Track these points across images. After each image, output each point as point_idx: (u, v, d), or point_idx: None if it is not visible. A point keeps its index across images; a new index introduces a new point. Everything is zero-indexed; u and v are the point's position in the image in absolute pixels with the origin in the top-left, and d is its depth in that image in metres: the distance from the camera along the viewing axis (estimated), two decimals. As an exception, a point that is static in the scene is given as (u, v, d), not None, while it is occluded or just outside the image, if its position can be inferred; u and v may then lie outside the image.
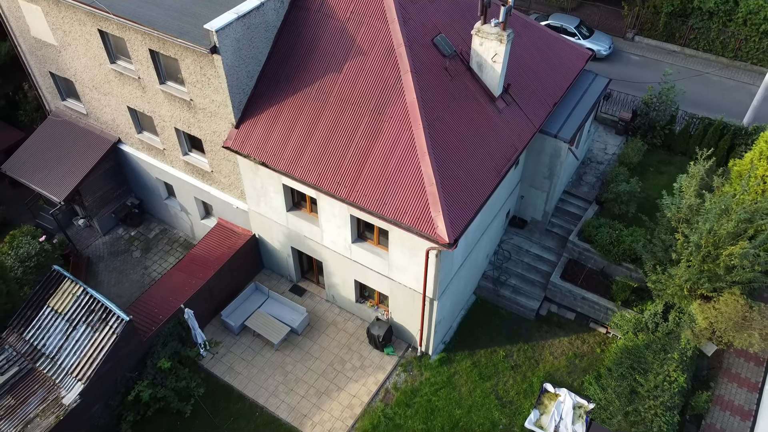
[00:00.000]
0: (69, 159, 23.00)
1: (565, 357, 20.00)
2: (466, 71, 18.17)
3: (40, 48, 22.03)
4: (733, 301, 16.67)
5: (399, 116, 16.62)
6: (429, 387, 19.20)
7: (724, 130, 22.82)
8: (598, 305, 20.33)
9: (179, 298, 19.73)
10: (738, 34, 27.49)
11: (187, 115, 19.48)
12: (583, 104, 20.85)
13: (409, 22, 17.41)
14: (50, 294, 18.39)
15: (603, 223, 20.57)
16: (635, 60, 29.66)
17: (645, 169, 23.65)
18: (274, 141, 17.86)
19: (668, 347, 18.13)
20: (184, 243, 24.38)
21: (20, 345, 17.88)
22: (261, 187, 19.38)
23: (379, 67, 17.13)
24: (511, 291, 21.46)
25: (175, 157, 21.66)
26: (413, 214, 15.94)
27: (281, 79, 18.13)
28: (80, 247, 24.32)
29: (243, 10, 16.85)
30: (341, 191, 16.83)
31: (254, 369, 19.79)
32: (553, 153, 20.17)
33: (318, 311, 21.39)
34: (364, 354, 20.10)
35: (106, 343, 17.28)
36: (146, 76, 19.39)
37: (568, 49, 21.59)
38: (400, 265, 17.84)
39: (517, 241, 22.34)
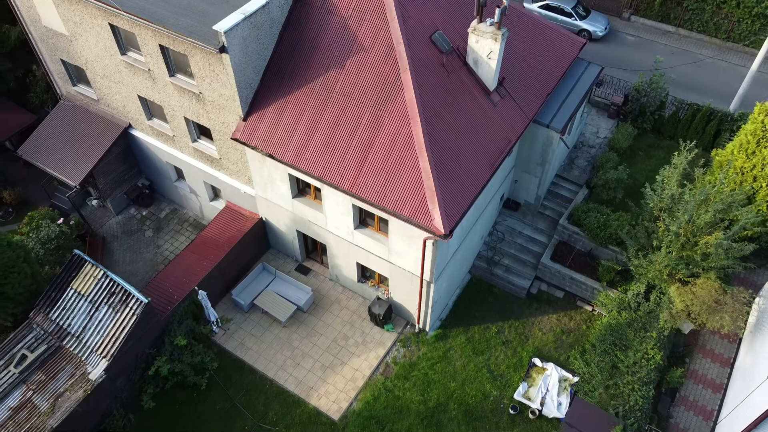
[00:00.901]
0: (82, 143, 23.98)
1: (553, 333, 21.44)
2: (462, 66, 19.03)
3: (51, 37, 22.75)
4: (709, 285, 17.97)
5: (399, 112, 17.59)
6: (426, 361, 20.70)
7: (711, 116, 23.74)
8: (585, 285, 21.66)
9: (193, 278, 21.06)
10: (731, 16, 28.07)
11: (197, 106, 20.40)
12: (576, 93, 21.73)
13: (408, 20, 18.18)
14: (73, 276, 19.72)
15: (591, 207, 21.72)
16: (630, 40, 30.26)
17: (634, 153, 24.66)
18: (280, 134, 18.86)
19: (648, 326, 19.52)
20: (194, 223, 25.59)
21: (47, 324, 19.29)
22: (268, 175, 20.47)
23: (379, 64, 18.00)
24: (504, 270, 22.76)
25: (184, 143, 22.66)
26: (411, 207, 17.08)
27: (286, 74, 19.01)
28: (95, 227, 25.53)
29: (249, 10, 17.61)
30: (344, 183, 17.93)
31: (263, 344, 21.26)
32: (545, 141, 21.16)
33: (322, 290, 22.75)
34: (366, 330, 21.54)
35: (127, 323, 18.69)
36: (156, 68, 20.24)
37: (561, 38, 22.32)
38: (399, 251, 19.08)
39: (510, 222, 23.53)
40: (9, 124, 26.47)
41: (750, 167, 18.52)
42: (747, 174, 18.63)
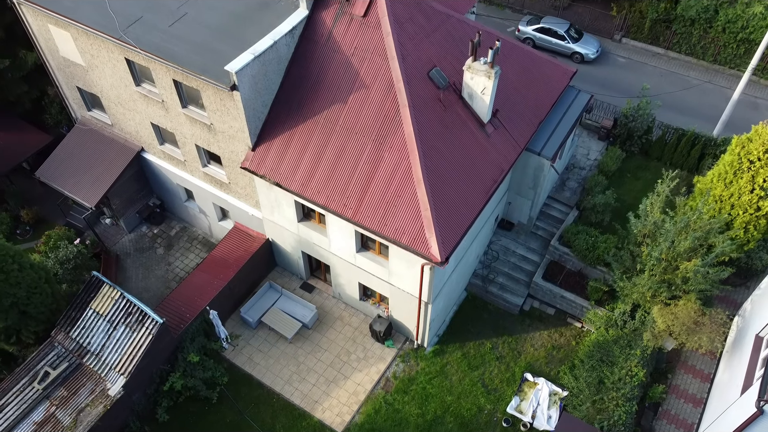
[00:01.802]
0: (97, 166, 25.18)
1: (544, 349, 22.67)
2: (458, 100, 20.22)
3: (68, 66, 23.94)
4: (689, 306, 19.19)
5: (398, 146, 18.80)
6: (424, 376, 21.94)
7: (695, 140, 24.93)
8: (575, 303, 22.88)
9: (204, 297, 22.30)
10: (717, 40, 29.23)
11: (207, 135, 21.61)
12: (566, 121, 22.91)
13: (407, 58, 19.37)
14: (92, 297, 20.97)
15: (581, 229, 22.93)
16: (621, 62, 31.44)
17: (623, 174, 25.87)
18: (286, 163, 20.07)
19: (633, 343, 20.74)
20: (203, 241, 26.82)
21: (68, 343, 20.54)
22: (274, 200, 21.69)
23: (380, 100, 19.21)
24: (499, 288, 23.99)
25: (195, 167, 23.87)
26: (410, 235, 18.30)
27: (292, 107, 20.21)
28: (108, 245, 26.75)
29: (259, 50, 18.81)
30: (347, 212, 19.14)
31: (271, 360, 22.51)
32: (537, 167, 22.37)
33: (326, 306, 23.99)
34: (367, 346, 22.78)
35: (143, 342, 19.93)
36: (169, 100, 21.43)
37: (552, 68, 23.48)
38: (399, 273, 20.31)
39: (504, 242, 24.75)
40: (26, 145, 27.66)
41: (728, 196, 19.72)
42: (725, 202, 19.83)
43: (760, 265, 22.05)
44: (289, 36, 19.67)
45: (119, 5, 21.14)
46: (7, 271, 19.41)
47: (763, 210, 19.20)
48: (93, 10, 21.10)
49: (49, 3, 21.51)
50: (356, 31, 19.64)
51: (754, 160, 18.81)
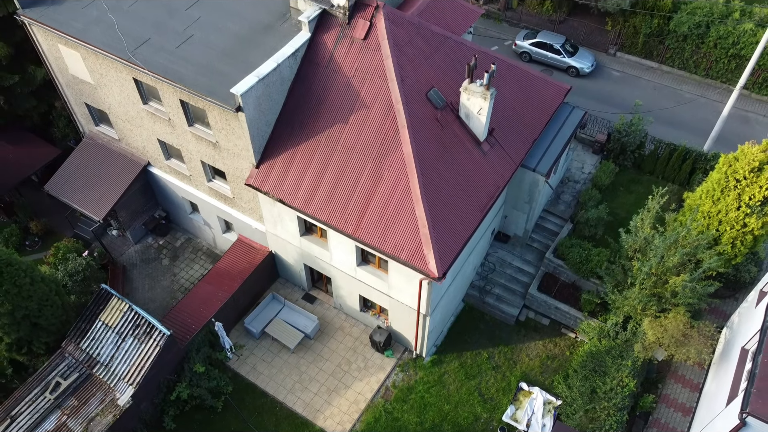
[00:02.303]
0: (104, 180, 25.88)
1: (539, 358, 23.38)
2: (455, 120, 20.93)
3: (77, 83, 24.65)
4: (678, 319, 19.89)
5: (397, 165, 19.51)
6: (422, 385, 22.64)
7: (686, 155, 25.64)
8: (569, 314, 23.59)
9: (209, 309, 23.00)
10: (709, 55, 29.95)
11: (213, 152, 22.32)
12: (561, 138, 23.62)
13: (406, 80, 20.08)
14: (101, 309, 21.70)
15: (574, 243, 23.64)
16: (616, 76, 32.15)
17: (616, 188, 26.58)
18: (289, 181, 20.78)
19: (625, 354, 21.43)
20: (207, 252, 27.52)
21: (78, 354, 21.25)
22: (277, 214, 22.39)
23: (380, 121, 19.91)
24: (495, 299, 24.69)
25: (200, 182, 24.58)
26: (409, 251, 19.00)
27: (295, 126, 20.92)
28: (115, 255, 27.45)
29: (263, 73, 19.52)
30: (348, 228, 19.85)
31: (274, 369, 23.21)
32: (532, 183, 23.08)
33: (327, 317, 24.69)
34: (368, 356, 23.48)
35: (151, 354, 20.64)
36: (176, 118, 22.14)
37: (547, 86, 24.16)
38: (398, 287, 21.02)
39: (501, 254, 25.46)
40: (35, 159, 28.38)
41: (716, 212, 20.42)
42: (713, 218, 20.53)
43: (748, 277, 22.77)
44: (291, 58, 20.38)
45: (128, 26, 21.86)
46: (20, 284, 20.09)
47: (749, 226, 19.90)
48: (102, 32, 21.81)
49: (60, 24, 22.23)
50: (357, 54, 20.35)
51: (740, 179, 19.51)
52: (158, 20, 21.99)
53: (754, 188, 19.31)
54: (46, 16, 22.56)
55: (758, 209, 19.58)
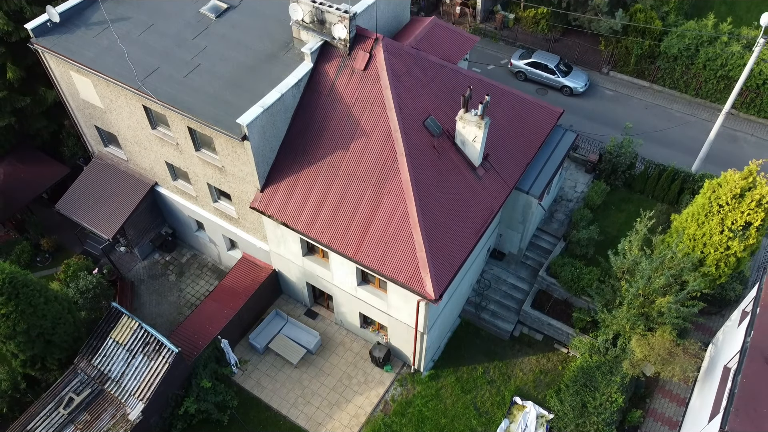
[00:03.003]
0: (113, 200, 26.80)
1: (532, 373, 24.29)
2: (451, 146, 21.85)
3: (87, 107, 25.57)
4: (664, 338, 20.81)
5: (396, 191, 20.43)
6: (420, 399, 23.57)
7: (675, 175, 26.57)
8: (562, 330, 24.50)
9: (215, 326, 23.92)
10: (698, 76, 30.87)
11: (219, 175, 23.25)
12: (553, 160, 24.54)
13: (404, 109, 21.01)
14: (112, 327, 22.64)
15: (567, 262, 24.56)
16: (609, 95, 33.08)
17: (608, 207, 27.51)
18: (292, 205, 21.71)
19: (614, 369, 22.33)
20: (213, 268, 28.44)
21: (90, 370, 22.18)
22: (281, 235, 23.32)
23: (379, 148, 20.84)
24: (491, 315, 25.61)
25: (206, 202, 25.50)
26: (406, 274, 19.92)
27: (298, 152, 21.85)
28: (123, 272, 28.38)
29: (268, 103, 20.45)
30: (348, 251, 20.77)
31: (277, 384, 24.13)
32: (526, 205, 24.00)
33: (328, 332, 25.61)
34: (367, 371, 24.41)
35: (160, 370, 21.57)
36: (183, 143, 23.07)
37: (540, 110, 25.08)
38: (396, 306, 21.94)
39: (496, 271, 26.38)
40: (45, 177, 29.32)
41: (701, 235, 21.34)
42: (698, 240, 21.45)
43: (733, 295, 23.69)
44: (295, 88, 21.30)
45: (137, 55, 22.80)
46: (35, 304, 21.01)
47: (732, 249, 20.82)
48: (113, 61, 22.75)
49: (73, 53, 23.16)
50: (357, 84, 21.28)
51: (723, 205, 20.44)
52: (166, 49, 22.93)
53: (736, 213, 20.24)
54: (59, 45, 23.50)
55: (740, 233, 20.50)
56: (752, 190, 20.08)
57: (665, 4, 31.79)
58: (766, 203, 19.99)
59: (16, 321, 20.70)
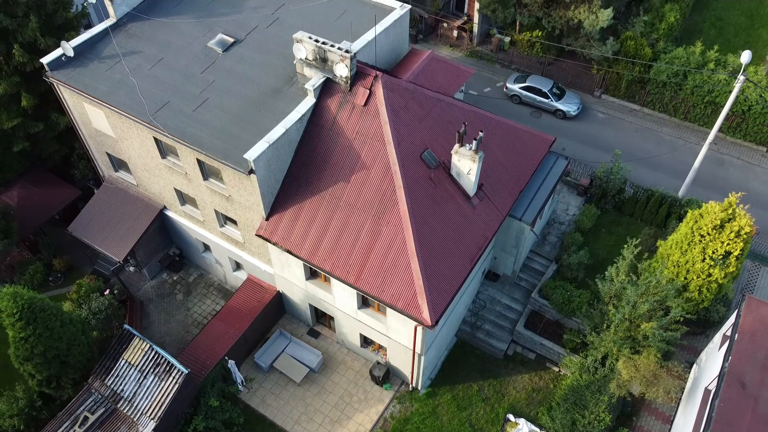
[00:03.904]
0: (124, 223, 27.93)
1: (525, 391, 25.42)
2: (447, 177, 22.98)
3: (99, 136, 26.70)
4: (649, 360, 21.93)
5: (394, 222, 21.57)
6: (418, 416, 24.69)
7: (662, 200, 27.71)
8: (553, 350, 25.63)
9: (222, 346, 25.06)
10: (687, 101, 32.01)
11: (225, 203, 24.38)
12: (545, 188, 25.68)
13: (402, 143, 22.15)
14: (124, 348, 23.76)
15: (558, 284, 25.69)
16: (601, 118, 34.20)
17: (598, 229, 28.63)
18: (296, 233, 22.83)
19: (603, 388, 23.45)
20: (219, 287, 29.58)
21: (103, 390, 23.31)
22: (285, 260, 24.45)
23: (378, 181, 21.98)
24: (485, 334, 26.74)
25: (212, 227, 26.63)
26: (404, 300, 21.06)
27: (301, 183, 22.98)
28: (132, 291, 29.51)
29: (273, 138, 21.58)
30: (349, 278, 21.90)
31: (281, 401, 25.26)
32: (519, 230, 25.13)
33: (330, 351, 26.75)
34: (367, 389, 25.54)
35: (171, 390, 22.69)
36: (192, 173, 24.20)
37: (533, 139, 26.21)
38: (395, 329, 23.07)
39: (491, 292, 27.51)
40: (57, 199, 30.44)
41: (684, 262, 22.47)
42: (682, 267, 22.58)
43: (717, 317, 24.82)
44: (298, 122, 22.43)
45: (148, 89, 23.93)
46: (51, 328, 22.13)
47: (713, 276, 21.95)
48: (125, 94, 23.88)
49: (86, 87, 24.30)
50: (358, 119, 22.42)
51: (705, 234, 21.58)
52: (176, 83, 24.06)
53: (717, 243, 21.38)
54: (73, 79, 24.63)
55: (720, 262, 21.64)
56: (731, 222, 21.21)
57: (655, 32, 32.92)
58: (744, 234, 21.13)
59: (33, 344, 21.85)
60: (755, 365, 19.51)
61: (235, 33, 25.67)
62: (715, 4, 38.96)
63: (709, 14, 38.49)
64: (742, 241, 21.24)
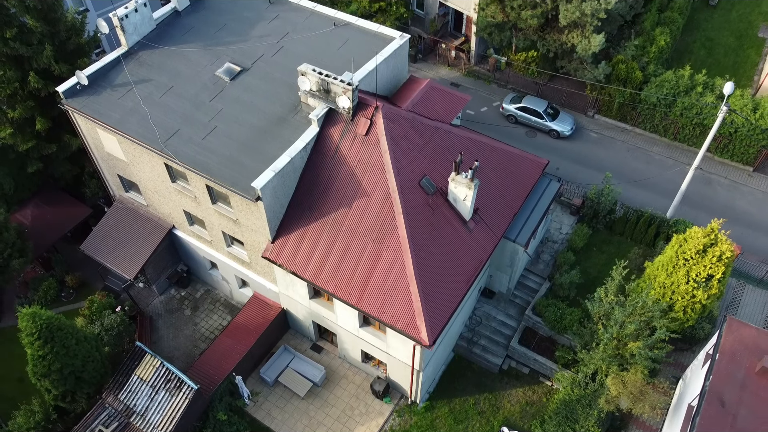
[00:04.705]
0: (134, 242, 29.09)
1: (519, 404, 26.58)
2: (444, 203, 24.14)
3: (111, 159, 27.86)
4: (636, 377, 23.08)
5: (394, 246, 22.72)
6: (417, 429, 25.85)
7: (651, 221, 28.89)
8: (546, 365, 26.79)
9: (229, 362, 26.21)
10: (676, 122, 33.18)
11: (233, 226, 25.54)
12: (538, 210, 26.84)
13: (401, 172, 23.31)
14: (136, 365, 24.93)
15: (551, 303, 26.86)
16: (593, 137, 35.37)
17: (590, 248, 29.80)
18: (300, 256, 23.99)
19: (593, 403, 24.62)
20: (225, 303, 30.73)
21: (117, 404, 24.47)
22: (290, 281, 25.61)
23: (379, 207, 23.13)
24: (481, 349, 27.90)
25: (219, 246, 27.80)
26: (403, 321, 22.22)
27: (305, 209, 24.14)
28: (142, 306, 30.66)
29: (279, 167, 22.73)
30: (351, 299, 23.06)
31: (286, 414, 26.42)
32: (513, 251, 26.30)
33: (332, 366, 27.91)
34: (368, 402, 26.70)
35: (181, 405, 23.86)
36: (201, 197, 25.35)
37: (526, 162, 27.37)
38: (395, 346, 24.23)
39: (487, 308, 28.68)
40: (69, 218, 31.64)
41: (669, 284, 23.63)
42: (667, 288, 23.74)
43: (702, 334, 25.98)
44: (303, 151, 23.59)
45: (159, 117, 25.09)
46: (67, 346, 23.30)
47: (697, 297, 23.11)
48: (137, 122, 25.05)
49: (100, 115, 25.46)
50: (359, 148, 23.58)
51: (689, 258, 22.75)
52: (186, 112, 25.21)
53: (700, 267, 22.55)
54: (87, 107, 25.79)
55: (704, 284, 22.80)
56: (713, 247, 22.38)
57: (645, 55, 34.10)
58: (725, 258, 22.30)
59: (51, 361, 23.01)
60: (734, 384, 20.65)
61: (241, 61, 26.83)
62: (706, 25, 40.18)
63: (700, 35, 39.70)
64: (724, 265, 22.40)
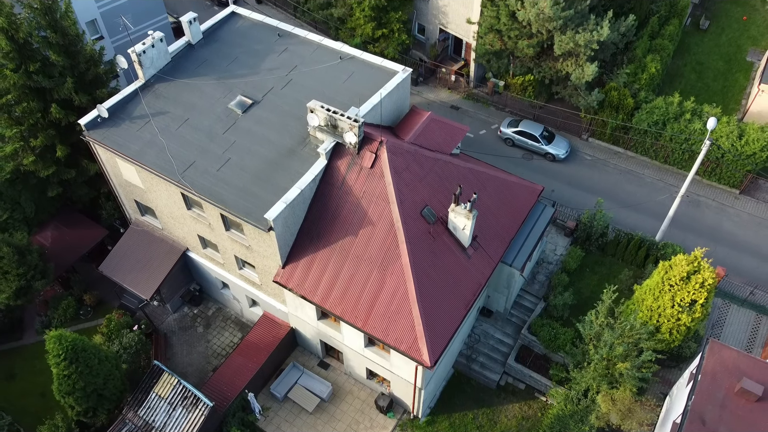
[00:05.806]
0: (150, 263, 30.63)
1: (515, 419, 28.09)
2: (444, 231, 25.67)
3: (128, 186, 29.40)
4: (625, 395, 24.61)
5: (397, 273, 24.26)
6: (418, 443, 27.43)
7: (641, 243, 30.42)
8: (541, 382, 28.31)
9: (242, 379, 27.73)
10: (666, 146, 34.73)
11: (245, 251, 27.07)
12: (533, 235, 28.37)
13: (404, 202, 24.85)
14: (154, 383, 26.46)
15: (545, 323, 28.39)
16: (587, 160, 36.91)
17: (583, 269, 31.33)
18: (309, 281, 25.52)
19: (585, 419, 26.16)
20: (236, 320, 32.26)
21: (137, 420, 26.01)
22: (299, 302, 27.14)
23: (383, 236, 24.67)
24: (480, 366, 29.42)
25: (231, 269, 29.33)
26: (406, 344, 23.74)
27: (314, 236, 25.68)
28: (156, 323, 32.19)
29: (289, 198, 24.27)
30: (357, 322, 24.59)
31: (295, 429, 27.94)
32: (509, 275, 27.83)
33: (339, 381, 29.44)
34: (373, 417, 28.22)
35: (197, 421, 25.39)
36: (215, 224, 26.88)
37: (522, 189, 28.91)
38: (398, 365, 25.76)
39: (485, 327, 30.20)
40: (86, 239, 33.12)
41: (656, 307, 25.16)
42: (654, 311, 25.27)
43: (688, 352, 27.50)
44: (312, 182, 25.12)
45: (176, 149, 26.62)
46: (90, 365, 24.87)
47: (682, 321, 24.64)
48: (155, 154, 26.58)
49: (120, 146, 27.00)
50: (364, 180, 25.12)
51: (674, 284, 24.28)
52: (201, 144, 26.74)
53: (684, 292, 24.09)
54: (108, 138, 27.33)
55: (688, 309, 24.33)
56: (697, 274, 23.91)
57: (637, 81, 35.64)
58: (708, 285, 23.83)
59: (75, 380, 24.59)
60: (715, 404, 22.17)
61: (252, 94, 28.36)
62: (696, 49, 41.74)
63: (690, 59, 41.25)
64: (706, 291, 23.94)
